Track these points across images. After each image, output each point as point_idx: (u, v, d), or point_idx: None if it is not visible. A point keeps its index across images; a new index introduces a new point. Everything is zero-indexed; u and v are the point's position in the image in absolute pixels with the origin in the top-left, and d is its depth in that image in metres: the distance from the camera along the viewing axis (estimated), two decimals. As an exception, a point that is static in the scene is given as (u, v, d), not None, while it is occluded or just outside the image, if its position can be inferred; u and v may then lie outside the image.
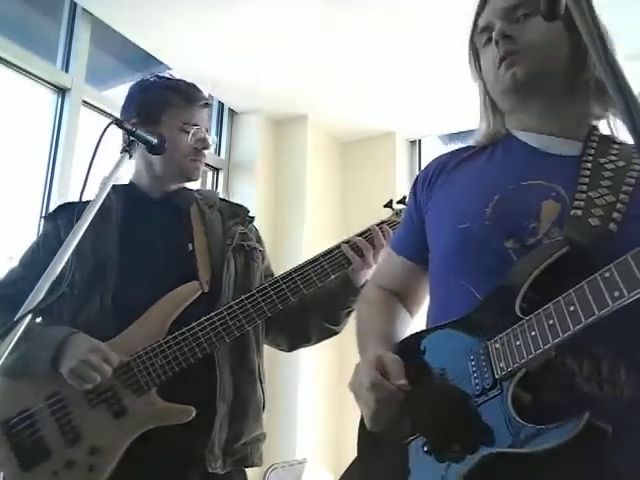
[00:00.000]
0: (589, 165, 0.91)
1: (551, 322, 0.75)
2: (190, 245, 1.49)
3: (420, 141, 4.16)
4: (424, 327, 1.05)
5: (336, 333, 1.62)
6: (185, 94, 1.55)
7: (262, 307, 1.42)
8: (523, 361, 0.78)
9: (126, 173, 1.60)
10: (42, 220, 1.58)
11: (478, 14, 1.06)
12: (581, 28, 0.54)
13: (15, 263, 1.50)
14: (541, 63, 0.97)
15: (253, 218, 1.67)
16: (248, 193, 3.67)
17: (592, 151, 0.94)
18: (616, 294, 0.68)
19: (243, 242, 1.56)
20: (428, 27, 2.88)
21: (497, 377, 0.81)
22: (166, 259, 1.47)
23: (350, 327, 1.57)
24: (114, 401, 1.34)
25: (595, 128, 0.99)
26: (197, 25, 2.93)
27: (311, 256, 1.50)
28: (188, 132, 1.51)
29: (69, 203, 1.57)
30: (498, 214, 0.91)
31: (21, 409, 1.34)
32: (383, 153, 3.99)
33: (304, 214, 3.72)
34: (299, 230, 3.69)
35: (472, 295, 0.91)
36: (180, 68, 3.15)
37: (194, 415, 1.33)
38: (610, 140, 0.97)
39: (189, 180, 1.58)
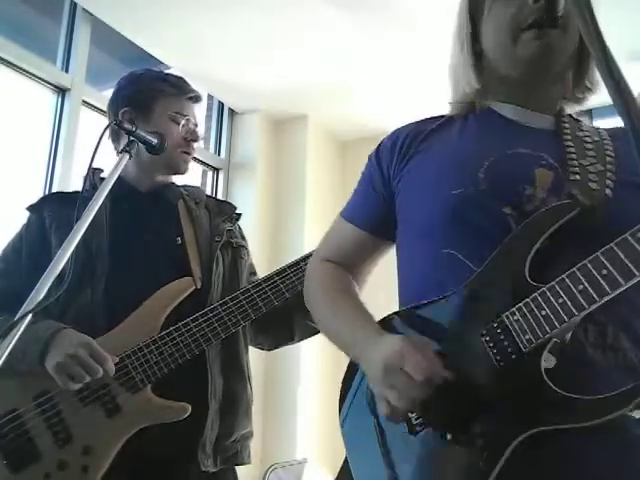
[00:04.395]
0: (569, 137, 0.91)
1: (581, 287, 0.72)
2: (179, 239, 1.47)
3: (420, 141, 4.15)
4: (398, 304, 0.98)
5: (319, 332, 1.61)
6: (176, 85, 1.54)
7: (257, 303, 1.42)
8: (555, 330, 0.74)
9: (110, 163, 1.51)
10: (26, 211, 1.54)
11: None
12: (580, 27, 0.54)
13: None
14: (572, 44, 0.92)
15: (240, 215, 1.64)
16: (248, 193, 3.65)
17: (567, 125, 0.94)
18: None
19: (231, 239, 1.55)
20: (428, 28, 2.88)
21: (525, 351, 0.76)
22: (157, 253, 1.45)
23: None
24: (108, 399, 1.31)
25: (562, 109, 0.99)
26: (197, 25, 2.93)
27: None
28: (178, 123, 1.49)
29: (54, 193, 1.57)
30: (492, 179, 0.87)
31: (8, 409, 1.30)
32: (383, 153, 3.98)
33: (304, 214, 3.71)
34: (299, 230, 3.68)
35: (463, 264, 0.86)
36: (180, 68, 3.14)
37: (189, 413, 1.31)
38: (576, 120, 0.98)
39: (177, 173, 1.54)
